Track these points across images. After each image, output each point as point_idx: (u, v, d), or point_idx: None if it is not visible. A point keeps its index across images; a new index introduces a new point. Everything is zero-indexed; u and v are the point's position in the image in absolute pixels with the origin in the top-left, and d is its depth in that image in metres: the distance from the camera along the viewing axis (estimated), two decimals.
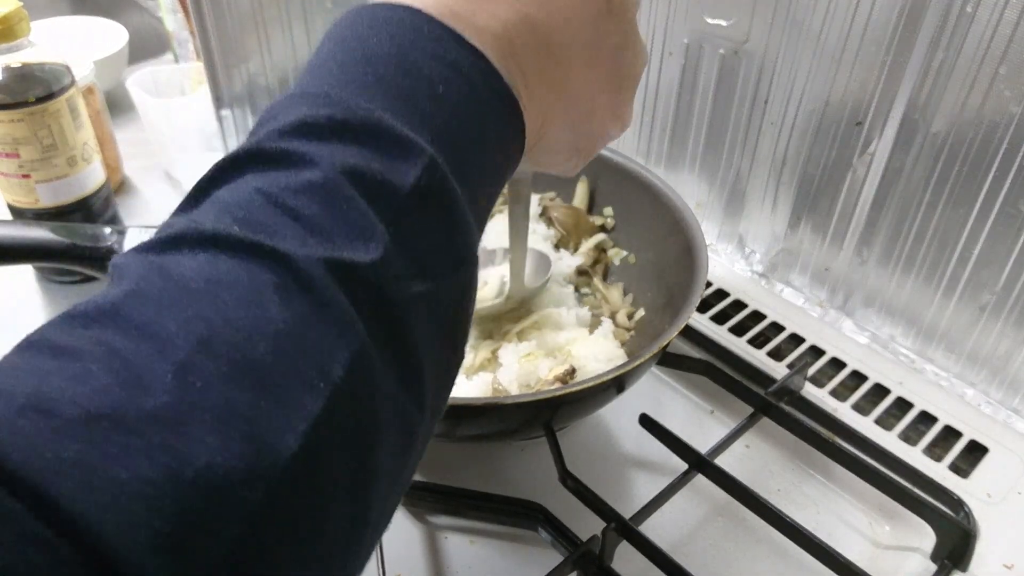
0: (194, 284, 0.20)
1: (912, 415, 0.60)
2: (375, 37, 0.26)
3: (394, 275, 0.23)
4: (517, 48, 0.28)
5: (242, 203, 0.22)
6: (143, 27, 1.15)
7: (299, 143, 0.23)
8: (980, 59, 0.53)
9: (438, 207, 0.24)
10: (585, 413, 0.55)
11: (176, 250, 0.21)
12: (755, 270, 0.75)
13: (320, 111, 0.24)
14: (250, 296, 0.20)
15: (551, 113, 0.32)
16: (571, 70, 0.32)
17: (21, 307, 0.70)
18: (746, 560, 0.51)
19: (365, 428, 0.21)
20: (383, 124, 0.24)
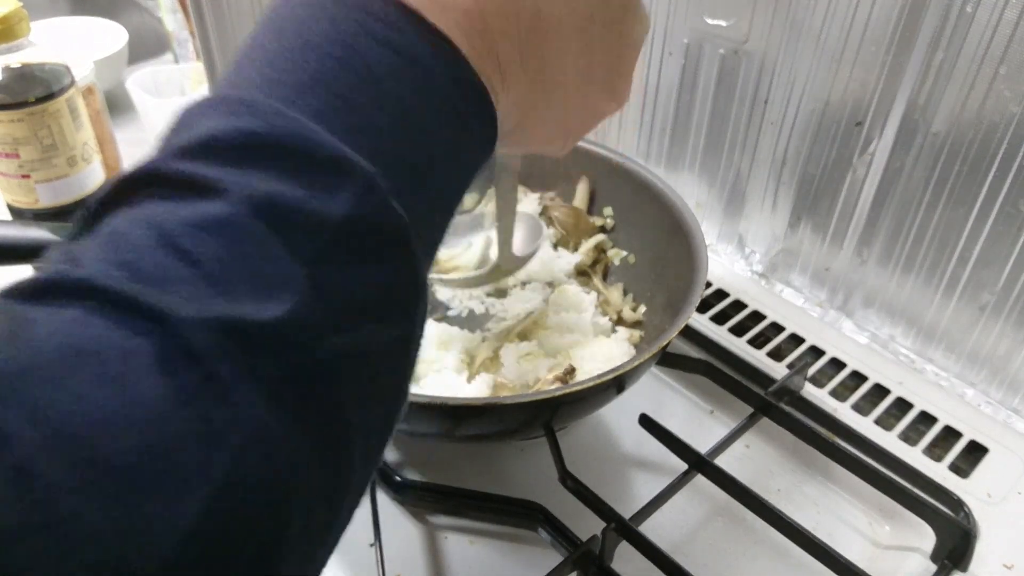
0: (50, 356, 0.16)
1: (912, 415, 0.60)
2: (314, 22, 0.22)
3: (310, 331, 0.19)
4: (492, 25, 0.24)
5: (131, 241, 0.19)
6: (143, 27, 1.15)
7: (205, 165, 0.19)
8: (980, 59, 0.53)
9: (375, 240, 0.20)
10: (585, 413, 0.55)
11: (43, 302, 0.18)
12: (755, 270, 0.75)
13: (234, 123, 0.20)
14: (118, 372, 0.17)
15: (536, 94, 0.28)
16: (560, 45, 0.27)
17: None
18: (746, 560, 0.51)
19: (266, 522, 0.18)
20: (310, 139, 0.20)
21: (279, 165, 0.20)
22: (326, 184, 0.20)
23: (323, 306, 0.19)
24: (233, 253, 0.18)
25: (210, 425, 0.17)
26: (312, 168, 0.20)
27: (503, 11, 0.24)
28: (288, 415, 0.18)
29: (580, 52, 0.29)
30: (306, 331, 0.19)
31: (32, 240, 0.50)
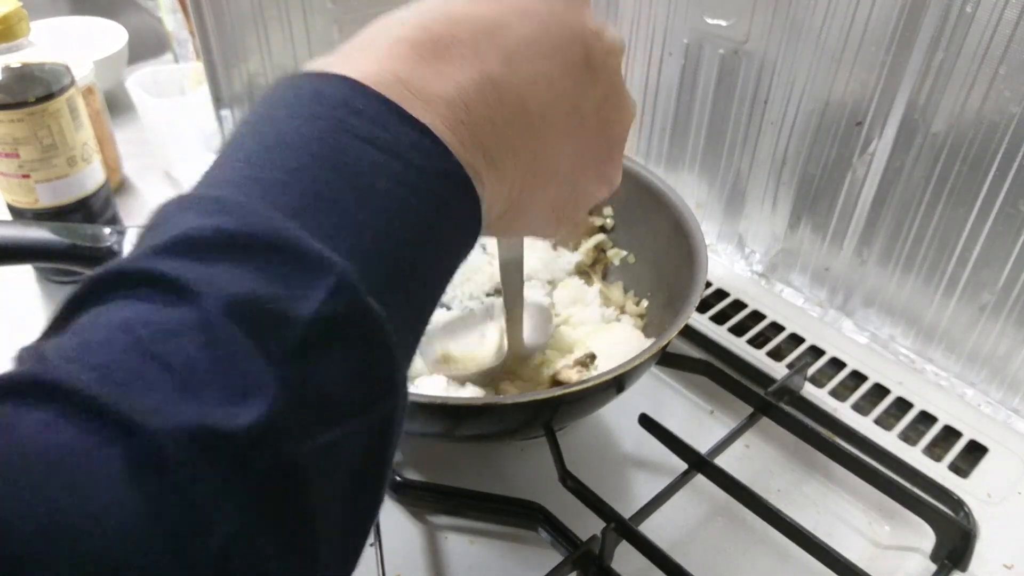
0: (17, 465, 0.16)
1: (912, 415, 0.60)
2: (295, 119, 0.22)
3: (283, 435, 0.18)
4: (476, 116, 0.24)
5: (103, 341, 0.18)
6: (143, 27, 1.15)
7: (180, 265, 0.19)
8: (980, 59, 0.53)
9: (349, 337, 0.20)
10: (585, 413, 0.55)
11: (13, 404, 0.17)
12: (755, 270, 0.75)
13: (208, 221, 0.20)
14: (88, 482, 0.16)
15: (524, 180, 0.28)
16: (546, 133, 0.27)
17: (21, 307, 0.71)
18: (746, 560, 0.51)
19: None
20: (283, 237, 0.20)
21: (252, 264, 0.19)
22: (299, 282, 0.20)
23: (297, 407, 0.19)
24: (205, 358, 0.18)
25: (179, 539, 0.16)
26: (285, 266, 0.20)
27: (486, 100, 0.25)
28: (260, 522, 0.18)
29: (567, 139, 0.29)
30: (280, 435, 0.18)
31: (32, 240, 0.50)
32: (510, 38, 0.26)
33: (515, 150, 0.26)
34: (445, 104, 0.23)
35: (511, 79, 0.26)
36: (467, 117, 0.24)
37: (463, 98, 0.24)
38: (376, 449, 0.22)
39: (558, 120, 0.28)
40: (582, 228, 0.58)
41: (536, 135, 0.27)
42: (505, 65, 0.26)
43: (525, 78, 0.26)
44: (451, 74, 0.24)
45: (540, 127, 0.27)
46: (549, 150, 0.28)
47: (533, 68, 0.27)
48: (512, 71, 0.26)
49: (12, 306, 0.71)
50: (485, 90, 0.25)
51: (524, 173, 0.27)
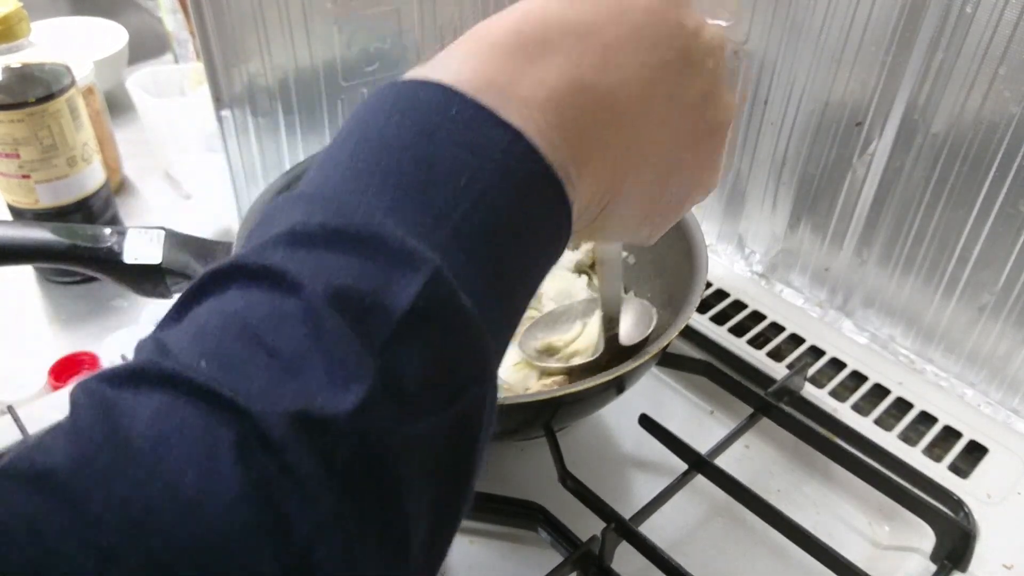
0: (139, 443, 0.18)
1: (912, 415, 0.60)
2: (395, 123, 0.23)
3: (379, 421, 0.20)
4: (568, 119, 0.25)
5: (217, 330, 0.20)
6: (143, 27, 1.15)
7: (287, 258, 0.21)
8: (980, 59, 0.53)
9: (441, 328, 0.21)
10: (585, 413, 0.55)
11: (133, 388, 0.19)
12: (755, 270, 0.75)
13: (314, 218, 0.22)
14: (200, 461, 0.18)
15: (615, 185, 0.28)
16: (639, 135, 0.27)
17: (21, 307, 0.71)
18: (746, 560, 0.51)
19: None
20: (382, 233, 0.21)
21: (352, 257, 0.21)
22: (396, 275, 0.21)
23: (393, 394, 0.20)
24: (309, 344, 0.19)
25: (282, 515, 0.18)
26: (384, 259, 0.21)
27: (577, 103, 0.25)
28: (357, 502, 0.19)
29: (661, 141, 0.29)
30: (378, 421, 0.20)
31: (32, 241, 0.50)
32: (603, 40, 0.26)
33: (607, 152, 0.27)
34: (537, 108, 0.24)
35: (603, 82, 0.26)
36: (559, 120, 0.24)
37: (555, 102, 0.24)
38: (464, 442, 0.23)
39: (652, 122, 0.28)
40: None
41: (629, 137, 0.27)
42: (597, 68, 0.26)
43: (618, 80, 0.26)
44: (543, 78, 0.24)
45: (632, 129, 0.27)
46: (642, 152, 0.28)
47: (626, 71, 0.27)
48: (605, 74, 0.26)
49: (12, 306, 0.71)
50: (576, 94, 0.25)
51: (616, 174, 0.28)
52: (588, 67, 0.25)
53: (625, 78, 0.26)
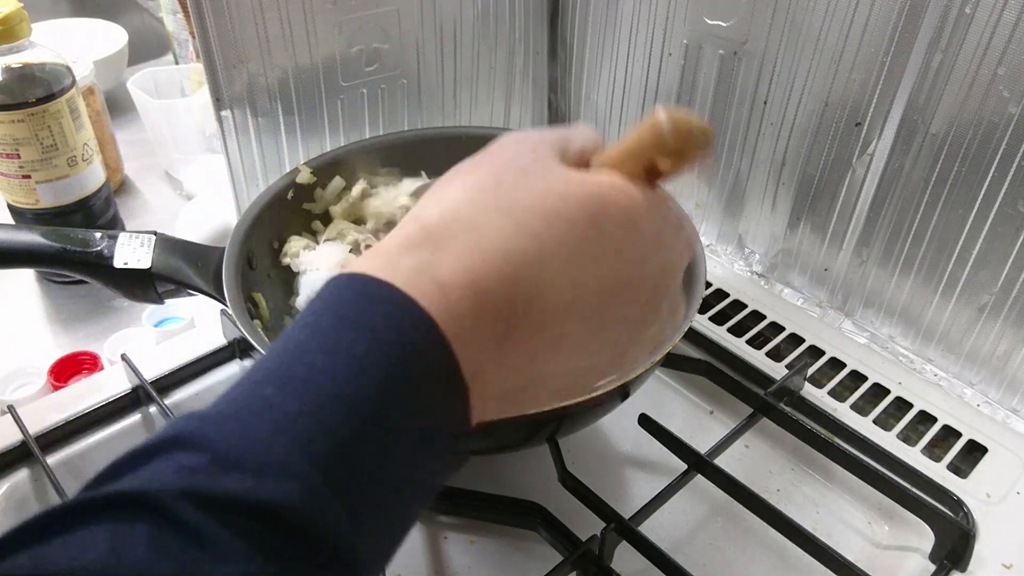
0: None
1: (911, 415, 0.60)
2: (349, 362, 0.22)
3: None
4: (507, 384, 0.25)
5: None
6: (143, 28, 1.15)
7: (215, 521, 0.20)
8: (979, 60, 0.53)
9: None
10: (589, 423, 0.55)
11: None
12: (755, 270, 0.75)
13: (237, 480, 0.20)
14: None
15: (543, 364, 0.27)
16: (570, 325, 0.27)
17: (21, 307, 0.71)
18: (746, 560, 0.51)
19: None
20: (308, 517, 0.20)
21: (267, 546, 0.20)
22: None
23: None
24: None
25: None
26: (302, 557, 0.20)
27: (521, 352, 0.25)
28: None
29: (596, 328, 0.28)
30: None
31: (22, 245, 0.49)
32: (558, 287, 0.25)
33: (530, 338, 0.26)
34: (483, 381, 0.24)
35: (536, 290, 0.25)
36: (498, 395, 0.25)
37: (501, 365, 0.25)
38: None
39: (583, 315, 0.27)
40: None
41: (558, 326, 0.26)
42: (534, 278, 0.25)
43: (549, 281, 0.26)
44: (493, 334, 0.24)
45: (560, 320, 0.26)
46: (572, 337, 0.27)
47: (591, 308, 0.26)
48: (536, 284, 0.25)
49: (12, 306, 0.71)
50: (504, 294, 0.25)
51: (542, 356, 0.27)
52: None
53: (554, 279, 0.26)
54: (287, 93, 0.65)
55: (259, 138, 0.65)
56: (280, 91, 0.65)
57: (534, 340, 0.26)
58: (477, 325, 0.24)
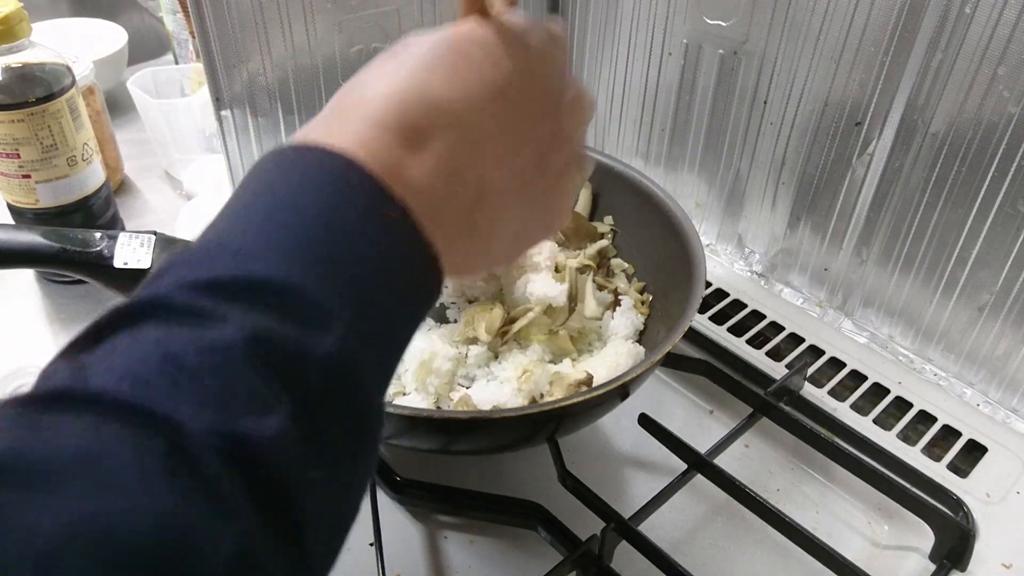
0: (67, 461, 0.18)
1: (911, 415, 0.60)
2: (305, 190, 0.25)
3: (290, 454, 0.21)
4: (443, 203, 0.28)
5: (137, 358, 0.21)
6: (143, 28, 1.16)
7: (208, 299, 0.22)
8: (979, 59, 0.53)
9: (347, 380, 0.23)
10: (589, 422, 0.55)
11: (58, 410, 0.19)
12: (754, 270, 0.75)
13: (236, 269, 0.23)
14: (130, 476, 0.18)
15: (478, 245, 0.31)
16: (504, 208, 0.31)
17: (21, 305, 0.71)
18: (745, 560, 0.51)
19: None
20: (299, 290, 0.23)
21: (272, 308, 0.22)
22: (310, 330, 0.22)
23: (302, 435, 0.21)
24: (231, 376, 0.21)
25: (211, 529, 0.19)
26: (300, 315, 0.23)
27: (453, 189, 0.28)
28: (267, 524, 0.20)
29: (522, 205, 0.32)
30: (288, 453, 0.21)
31: (22, 245, 0.49)
32: (479, 122, 0.29)
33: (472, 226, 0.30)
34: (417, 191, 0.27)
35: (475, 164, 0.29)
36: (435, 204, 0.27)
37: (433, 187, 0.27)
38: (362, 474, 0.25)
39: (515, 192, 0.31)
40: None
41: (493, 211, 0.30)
42: (471, 152, 0.28)
43: (490, 162, 0.29)
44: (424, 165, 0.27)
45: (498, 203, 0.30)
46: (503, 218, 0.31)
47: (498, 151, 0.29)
48: (477, 156, 0.29)
49: (12, 306, 0.71)
50: (452, 178, 0.28)
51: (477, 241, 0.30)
52: (463, 153, 0.28)
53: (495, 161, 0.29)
54: (287, 93, 0.65)
55: (259, 138, 0.65)
56: (280, 91, 0.65)
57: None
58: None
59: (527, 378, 0.53)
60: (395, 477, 0.53)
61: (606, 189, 0.67)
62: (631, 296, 0.60)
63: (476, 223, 0.30)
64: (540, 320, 0.57)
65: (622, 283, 0.63)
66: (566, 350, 0.57)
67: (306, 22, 0.63)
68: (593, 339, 0.59)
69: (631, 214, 0.66)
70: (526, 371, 0.53)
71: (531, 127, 0.31)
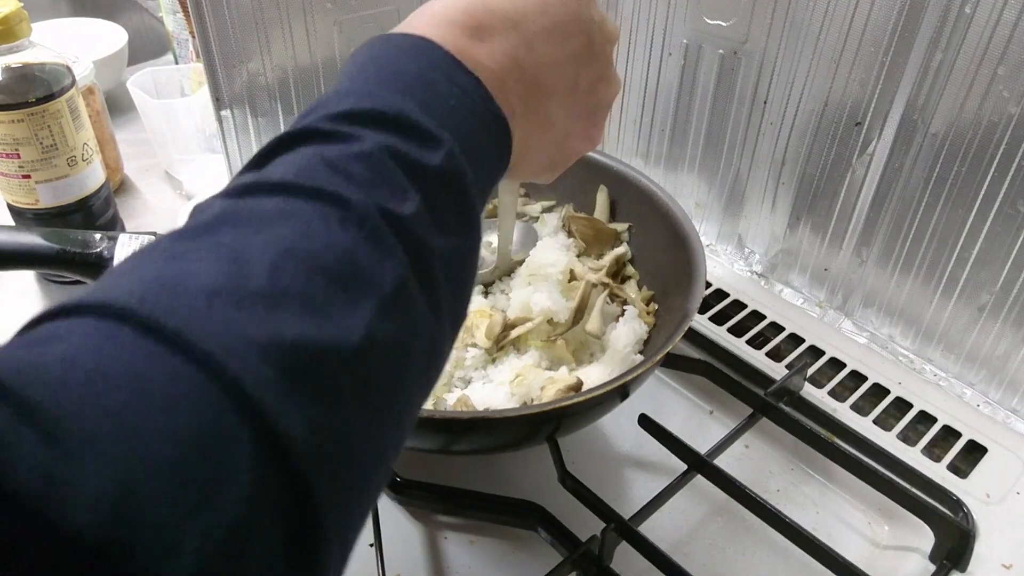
0: (271, 214, 0.24)
1: (911, 415, 0.60)
2: (401, 57, 0.32)
3: (425, 227, 0.27)
4: (507, 85, 0.34)
5: (303, 164, 0.27)
6: (143, 28, 1.16)
7: (348, 126, 0.28)
8: (979, 60, 0.53)
9: (456, 185, 0.29)
10: (588, 422, 0.55)
11: (250, 195, 0.25)
12: (754, 270, 0.75)
13: (364, 103, 0.29)
14: (318, 223, 0.24)
15: (533, 136, 0.37)
16: (552, 102, 0.37)
17: (20, 306, 0.71)
18: (745, 560, 0.51)
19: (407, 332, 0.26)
20: (414, 118, 0.29)
21: (397, 131, 0.28)
22: (427, 146, 0.29)
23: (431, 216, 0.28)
24: (375, 174, 0.27)
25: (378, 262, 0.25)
26: (418, 135, 0.29)
27: (512, 75, 0.34)
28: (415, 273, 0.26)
29: (566, 106, 0.38)
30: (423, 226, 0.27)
31: (22, 246, 0.49)
32: (530, 30, 0.35)
33: (528, 111, 0.36)
34: (489, 73, 0.33)
35: (530, 60, 0.35)
36: (501, 84, 0.33)
37: (500, 73, 0.33)
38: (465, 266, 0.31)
39: (561, 92, 0.37)
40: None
41: (544, 101, 0.37)
42: (527, 50, 0.35)
43: (540, 60, 0.36)
44: (490, 51, 0.34)
45: (547, 96, 0.37)
46: (552, 113, 0.37)
47: (547, 53, 0.36)
48: (531, 54, 0.35)
49: (12, 306, 0.71)
50: (512, 67, 0.34)
51: (533, 128, 0.36)
52: (520, 49, 0.35)
53: (545, 61, 0.36)
54: (287, 93, 0.65)
55: (259, 138, 0.65)
56: (280, 91, 0.65)
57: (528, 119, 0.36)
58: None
59: (519, 382, 0.53)
60: (395, 477, 0.53)
61: (606, 188, 0.67)
62: (637, 305, 0.60)
63: (533, 110, 0.36)
64: (540, 327, 0.57)
65: (632, 291, 0.63)
66: (563, 359, 0.56)
67: (306, 22, 0.63)
68: (595, 350, 0.59)
69: (632, 214, 0.66)
70: (519, 375, 0.53)
71: (571, 38, 0.37)
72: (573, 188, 0.68)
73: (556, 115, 0.38)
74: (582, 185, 0.68)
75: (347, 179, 0.26)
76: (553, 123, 0.38)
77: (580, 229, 0.65)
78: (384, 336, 0.24)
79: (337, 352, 0.23)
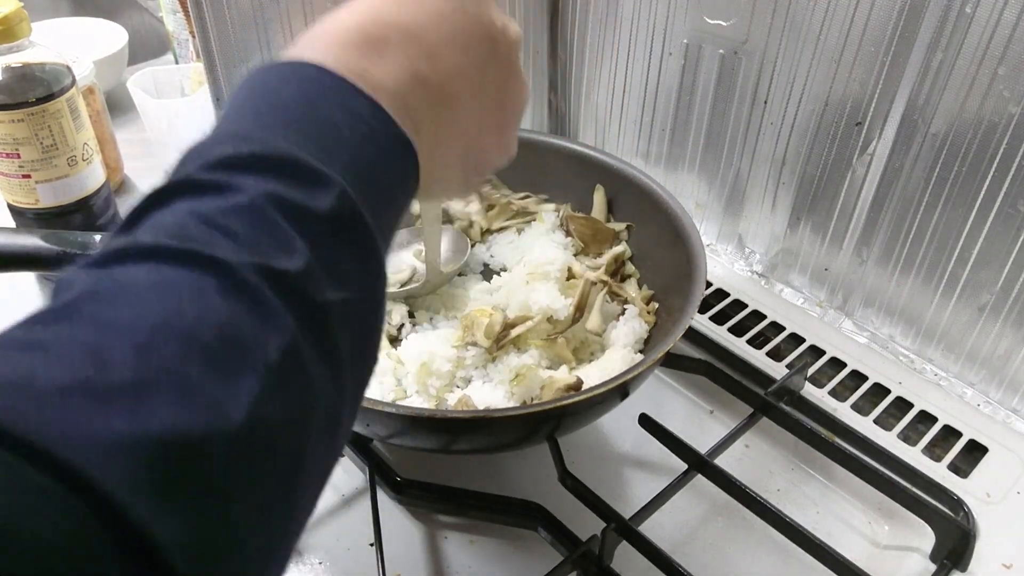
0: (142, 286, 0.22)
1: (911, 415, 0.60)
2: (286, 88, 0.29)
3: (316, 282, 0.25)
4: (410, 102, 0.31)
5: (177, 223, 0.24)
6: (143, 27, 1.16)
7: (225, 175, 0.26)
8: (979, 59, 0.53)
9: (351, 228, 0.27)
10: (589, 421, 0.55)
11: (118, 263, 0.23)
12: (755, 270, 0.75)
13: (242, 148, 0.27)
14: (194, 294, 0.22)
15: (442, 153, 0.35)
16: (459, 114, 0.35)
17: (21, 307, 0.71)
18: (746, 560, 0.51)
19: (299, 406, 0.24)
20: (299, 160, 0.27)
21: (280, 175, 0.26)
22: (314, 189, 0.27)
23: (322, 269, 0.26)
24: (257, 228, 0.25)
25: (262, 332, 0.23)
26: (303, 178, 0.27)
27: (416, 92, 0.32)
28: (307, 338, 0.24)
29: (474, 116, 0.36)
30: (314, 281, 0.25)
31: (22, 248, 0.49)
32: (430, 42, 0.33)
33: (435, 127, 0.34)
34: (387, 93, 0.30)
35: (433, 73, 0.33)
36: (402, 103, 0.31)
37: (398, 88, 0.31)
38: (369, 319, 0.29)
39: (467, 102, 0.35)
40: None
41: (451, 115, 0.34)
42: (428, 61, 0.32)
43: (444, 71, 0.33)
44: (387, 69, 0.31)
45: (454, 109, 0.34)
46: (460, 126, 0.35)
47: (450, 63, 0.34)
48: (433, 66, 0.33)
49: (12, 306, 0.71)
50: (414, 82, 0.32)
51: (441, 144, 0.34)
52: (421, 63, 0.32)
53: (448, 71, 0.34)
54: None
55: None
56: None
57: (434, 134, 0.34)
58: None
59: (519, 381, 0.53)
60: (395, 477, 0.53)
61: (607, 188, 0.67)
62: (637, 304, 0.60)
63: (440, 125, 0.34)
64: (540, 326, 0.57)
65: (632, 290, 0.63)
66: (564, 358, 0.56)
67: (306, 22, 0.63)
68: (596, 349, 0.59)
69: (632, 213, 0.66)
70: (519, 375, 0.53)
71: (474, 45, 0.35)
72: (571, 187, 0.68)
73: (465, 128, 0.36)
74: (580, 184, 0.68)
75: (225, 237, 0.24)
76: (462, 136, 0.36)
77: (578, 228, 0.65)
78: (272, 414, 0.22)
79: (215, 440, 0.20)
